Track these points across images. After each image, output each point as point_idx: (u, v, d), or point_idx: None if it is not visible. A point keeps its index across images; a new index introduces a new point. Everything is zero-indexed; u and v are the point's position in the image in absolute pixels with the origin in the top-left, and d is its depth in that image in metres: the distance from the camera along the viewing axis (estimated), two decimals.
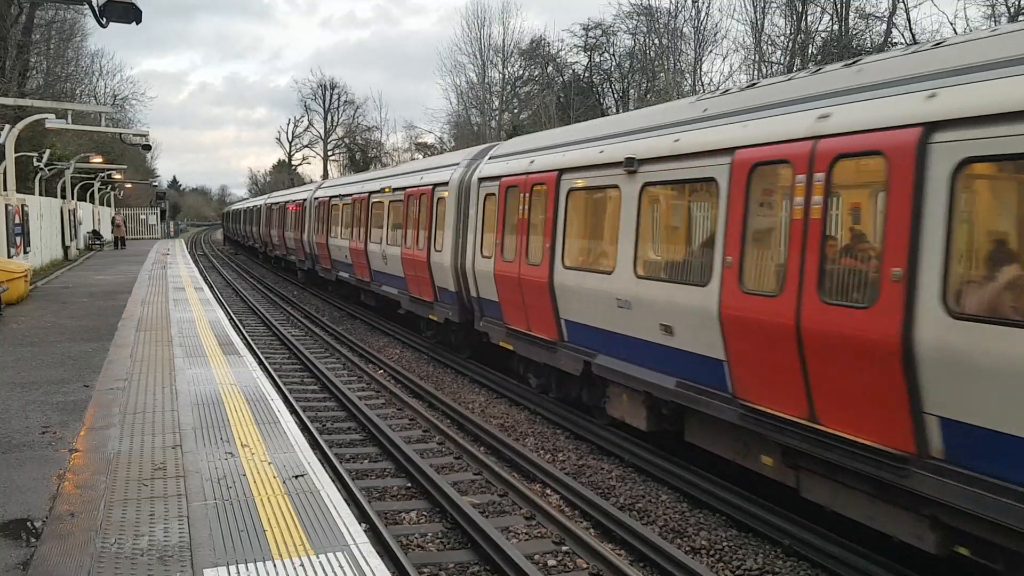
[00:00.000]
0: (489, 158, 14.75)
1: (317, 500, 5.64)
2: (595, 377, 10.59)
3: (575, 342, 11.09)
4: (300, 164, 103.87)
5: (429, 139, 72.67)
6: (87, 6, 7.30)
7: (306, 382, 15.13)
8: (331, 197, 27.42)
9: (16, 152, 23.32)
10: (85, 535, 4.99)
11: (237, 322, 21.06)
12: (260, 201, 50.07)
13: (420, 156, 63.13)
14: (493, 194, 13.72)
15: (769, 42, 38.66)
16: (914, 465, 5.87)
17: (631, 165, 9.48)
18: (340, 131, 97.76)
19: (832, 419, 6.53)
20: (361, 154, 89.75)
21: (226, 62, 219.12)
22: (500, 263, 13.12)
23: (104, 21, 7.36)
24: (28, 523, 5.23)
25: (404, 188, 18.87)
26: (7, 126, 22.33)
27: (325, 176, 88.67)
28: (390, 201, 20.21)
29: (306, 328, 21.82)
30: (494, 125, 58.50)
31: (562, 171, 11.31)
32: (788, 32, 38.32)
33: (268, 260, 45.91)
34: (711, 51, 42.96)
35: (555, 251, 11.29)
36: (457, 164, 16.28)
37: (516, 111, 60.39)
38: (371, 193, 21.95)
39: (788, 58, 36.68)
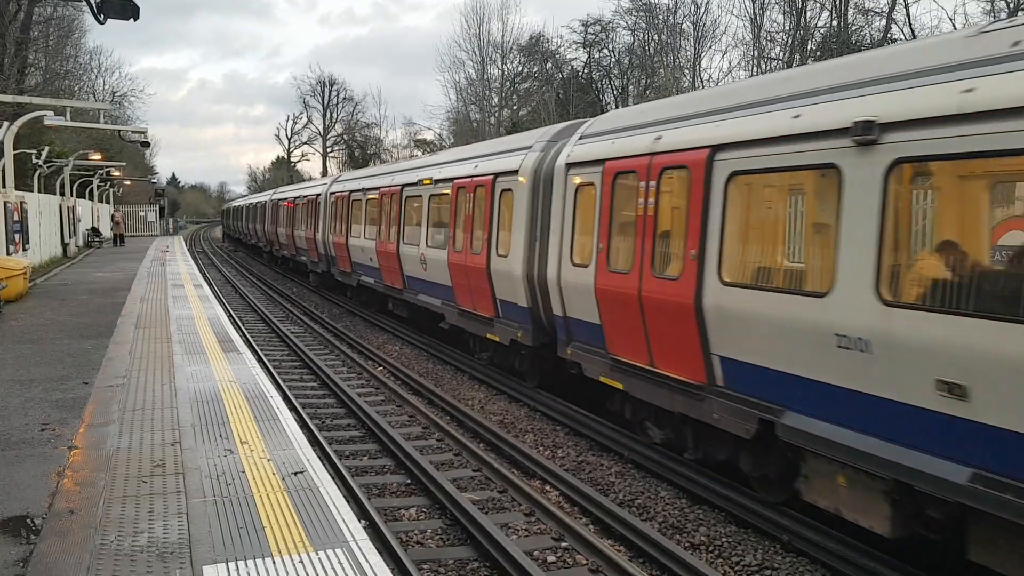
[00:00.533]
0: (581, 137, 11.43)
1: (316, 497, 5.64)
2: (780, 443, 7.34)
3: (740, 390, 7.90)
4: (299, 161, 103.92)
5: (428, 135, 72.67)
6: (85, 3, 7.27)
7: (306, 379, 15.13)
8: (352, 191, 24.13)
9: (15, 149, 23.31)
10: (84, 532, 4.99)
11: (236, 319, 21.06)
12: (265, 197, 47.56)
13: (419, 153, 63.02)
14: (591, 184, 10.65)
15: (768, 38, 38.66)
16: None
17: (868, 132, 6.24)
18: (339, 128, 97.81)
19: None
20: (360, 151, 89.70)
21: (225, 60, 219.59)
22: (605, 274, 10.11)
23: (102, 18, 7.35)
24: (27, 520, 5.23)
25: (451, 179, 15.82)
26: (5, 123, 22.32)
27: (324, 173, 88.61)
28: (431, 195, 17.15)
29: (305, 325, 21.81)
30: (493, 122, 58.46)
31: (716, 147, 8.08)
32: (787, 28, 38.30)
33: (274, 260, 42.86)
34: (710, 47, 42.94)
35: (706, 260, 8.17)
36: (529, 148, 13.06)
37: (516, 107, 60.36)
38: (404, 186, 18.90)
39: (788, 54, 36.65)
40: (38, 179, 33.20)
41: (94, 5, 7.20)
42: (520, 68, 61.11)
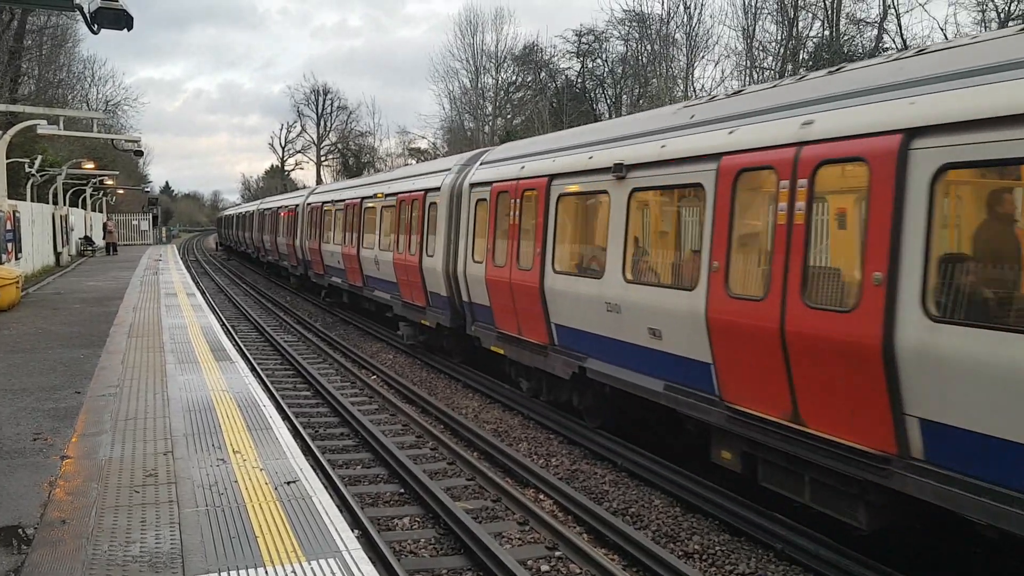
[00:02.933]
0: (481, 164, 14.84)
1: (309, 506, 5.63)
2: (588, 380, 10.76)
3: (565, 346, 11.29)
4: (293, 170, 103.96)
5: (423, 144, 72.71)
6: (79, 12, 7.27)
7: (299, 388, 15.11)
8: (324, 203, 27.41)
9: (8, 158, 23.27)
10: (76, 542, 4.97)
11: (229, 328, 21.02)
12: (253, 206, 49.73)
13: (413, 161, 63.21)
14: (485, 199, 13.88)
15: (760, 48, 38.83)
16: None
17: (620, 171, 9.80)
18: (333, 136, 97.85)
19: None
20: (354, 159, 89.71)
21: (220, 71, 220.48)
22: (492, 268, 13.32)
23: (96, 28, 7.36)
24: (19, 530, 5.20)
25: (396, 193, 19.08)
26: None
27: (319, 181, 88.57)
28: (382, 207, 20.41)
29: (299, 333, 21.78)
30: (487, 130, 58.54)
31: (552, 176, 11.60)
32: (779, 38, 38.49)
33: (260, 265, 46.47)
34: (703, 57, 43.03)
35: (545, 254, 11.58)
36: (448, 170, 16.45)
37: (509, 116, 60.47)
38: (363, 199, 22.31)
39: (780, 64, 36.83)
40: (31, 188, 33.11)
41: (88, 15, 7.20)
42: (514, 77, 61.29)
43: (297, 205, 32.37)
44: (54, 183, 37.77)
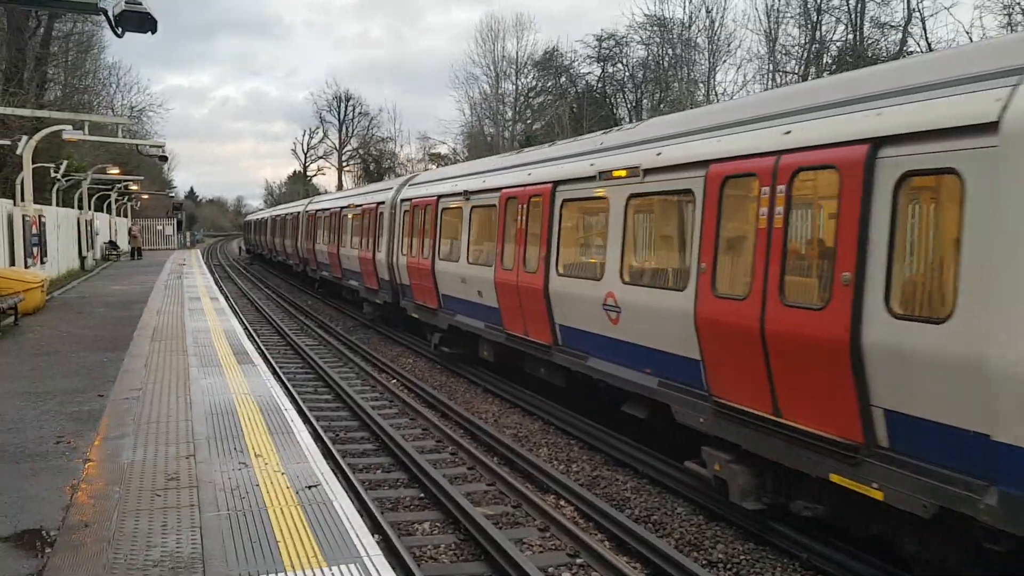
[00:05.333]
0: (409, 185, 20.45)
1: (330, 511, 5.60)
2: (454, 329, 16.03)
3: (448, 309, 16.36)
4: (315, 175, 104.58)
5: (443, 150, 72.92)
6: (103, 17, 7.32)
7: (320, 391, 15.12)
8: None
9: (33, 163, 23.54)
10: (97, 546, 4.97)
11: (252, 332, 21.11)
12: (297, 207, 40.90)
13: (434, 166, 63.28)
14: (408, 211, 19.08)
15: (783, 52, 38.55)
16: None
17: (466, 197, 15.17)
18: (355, 142, 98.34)
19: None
20: (375, 165, 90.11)
21: (245, 79, 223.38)
22: (410, 258, 18.36)
23: (120, 31, 7.40)
24: (41, 533, 5.22)
25: (360, 205, 24.72)
26: (24, 137, 22.55)
27: (340, 187, 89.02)
28: (352, 214, 25.87)
29: (320, 337, 21.85)
30: (507, 136, 58.59)
31: (440, 196, 16.91)
32: (802, 42, 38.19)
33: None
34: (725, 61, 42.77)
35: (437, 249, 16.63)
36: (392, 188, 21.89)
37: (529, 122, 60.49)
38: (342, 208, 27.57)
39: (803, 67, 36.54)
40: (56, 193, 33.50)
41: (112, 18, 7.24)
42: (534, 83, 61.31)
43: (381, 203, 28.23)
44: (79, 188, 38.21)
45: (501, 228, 13.39)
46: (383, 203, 21.79)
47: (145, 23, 7.39)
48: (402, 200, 19.88)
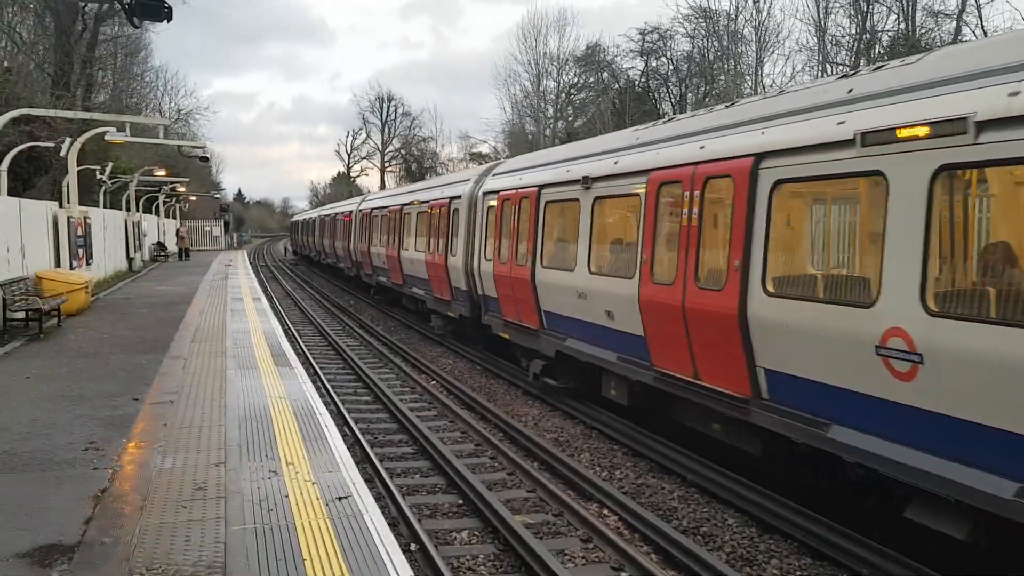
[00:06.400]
0: (492, 175, 17.11)
1: (359, 525, 5.31)
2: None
3: (552, 328, 13.21)
4: (358, 176, 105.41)
5: (484, 148, 72.78)
6: (119, 4, 7.19)
7: (359, 393, 14.94)
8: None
9: (80, 165, 23.83)
10: (117, 564, 4.75)
11: (293, 332, 21.08)
12: (350, 205, 37.53)
13: (474, 166, 63.15)
14: (493, 205, 15.95)
15: (833, 42, 37.48)
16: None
17: (586, 183, 11.86)
18: (397, 142, 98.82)
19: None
20: (417, 164, 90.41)
21: (291, 83, 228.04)
22: (497, 264, 15.38)
23: (137, 21, 7.24)
24: (59, 548, 5.00)
25: (427, 201, 21.31)
26: (68, 139, 22.82)
27: (383, 186, 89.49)
28: (417, 212, 22.65)
29: (361, 338, 21.74)
30: (548, 133, 58.18)
31: (542, 186, 13.68)
32: (853, 32, 37.10)
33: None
34: (773, 52, 41.73)
35: (538, 254, 13.49)
36: (468, 180, 18.70)
37: (571, 119, 60.01)
38: (404, 205, 24.43)
39: (853, 58, 35.49)
40: (104, 194, 34.00)
41: (127, 7, 7.09)
42: (575, 79, 60.81)
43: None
44: (126, 190, 38.77)
45: (650, 226, 10.00)
46: (458, 198, 18.47)
47: (160, 12, 7.21)
48: (485, 193, 16.68)
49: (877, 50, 35.98)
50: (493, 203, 15.92)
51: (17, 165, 21.60)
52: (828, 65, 36.12)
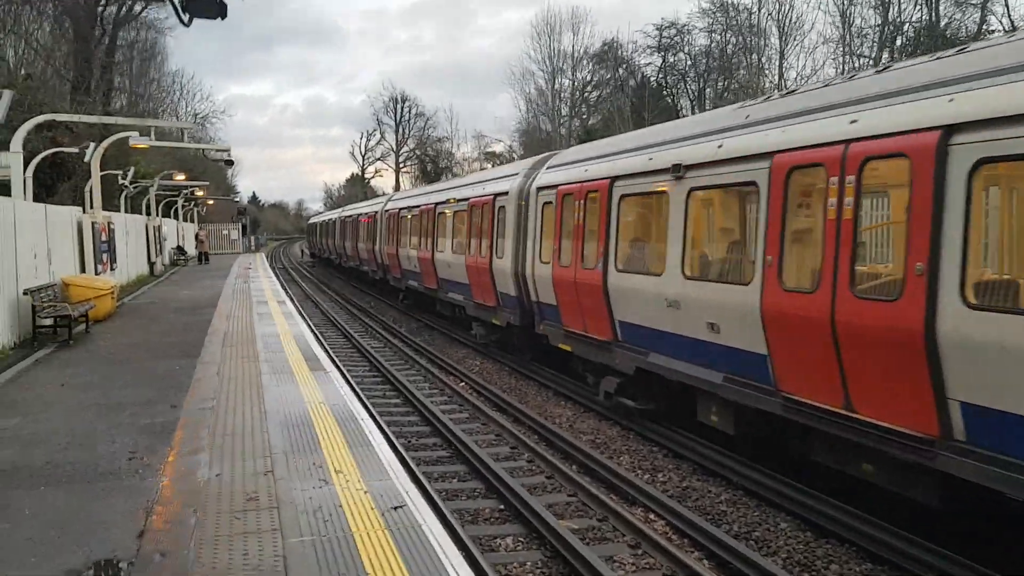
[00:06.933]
0: (547, 168, 15.23)
1: (419, 537, 5.15)
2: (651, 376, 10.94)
3: (629, 342, 11.44)
4: (373, 177, 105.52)
5: (498, 148, 72.66)
6: (169, 3, 7.04)
7: (388, 395, 14.82)
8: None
9: (101, 170, 23.84)
10: None
11: (318, 335, 21.00)
12: (375, 205, 35.77)
13: (489, 165, 63.00)
14: (551, 202, 14.19)
15: (858, 34, 37.02)
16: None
17: (677, 171, 10.02)
18: (411, 143, 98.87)
19: None
20: (432, 164, 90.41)
21: (303, 87, 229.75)
22: (557, 268, 13.66)
23: (187, 18, 7.07)
24: (115, 564, 4.87)
25: (467, 199, 19.47)
26: (92, 144, 22.84)
27: (397, 188, 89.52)
28: (454, 211, 20.88)
29: (384, 339, 21.63)
30: (564, 132, 57.96)
31: (614, 178, 11.84)
32: (876, 23, 36.64)
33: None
34: (796, 45, 41.21)
35: (612, 256, 11.76)
36: (516, 175, 16.83)
37: (585, 117, 59.79)
38: (438, 204, 22.53)
39: (877, 50, 35.06)
40: (125, 199, 34.08)
41: (178, 5, 6.92)
42: (590, 77, 60.60)
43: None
44: (147, 194, 38.88)
45: (776, 220, 8.18)
46: (504, 194, 16.75)
47: (213, 7, 7.05)
48: (539, 188, 14.83)
49: (901, 42, 35.54)
50: (549, 199, 14.15)
51: (40, 171, 21.63)
52: (852, 58, 35.70)
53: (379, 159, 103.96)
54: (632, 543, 7.79)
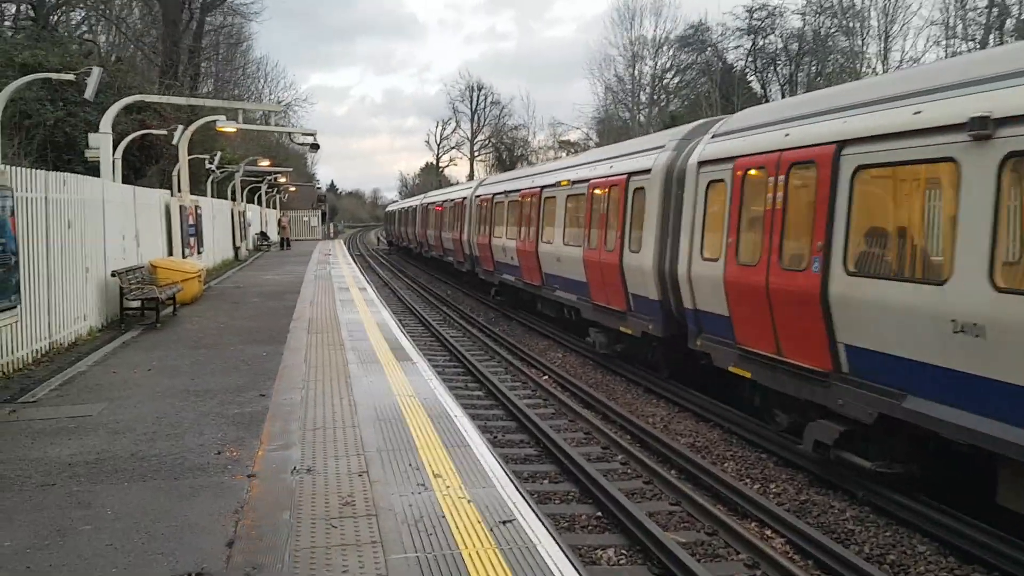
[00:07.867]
0: (713, 136, 11.70)
1: (536, 560, 4.57)
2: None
3: (865, 374, 8.13)
4: (447, 166, 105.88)
5: (574, 136, 71.75)
6: None
7: (470, 387, 14.36)
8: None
9: (189, 155, 24.05)
10: None
11: (398, 322, 20.75)
12: (464, 190, 32.75)
13: (564, 154, 62.05)
14: (721, 180, 11.02)
15: (962, 17, 34.89)
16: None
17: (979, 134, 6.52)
18: (487, 131, 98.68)
19: None
20: (507, 153, 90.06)
21: (381, 77, 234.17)
22: (734, 267, 10.48)
23: None
24: None
25: (587, 180, 16.43)
26: (180, 127, 23.03)
27: (471, 176, 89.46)
28: (566, 197, 17.85)
29: (463, 328, 21.24)
30: (642, 120, 56.75)
31: (843, 143, 8.38)
32: (982, 7, 34.45)
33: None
34: (904, 25, 39.04)
35: (842, 254, 8.37)
36: (661, 147, 13.49)
37: (664, 104, 58.44)
38: (543, 188, 19.56)
39: (984, 34, 32.97)
40: (211, 184, 34.58)
41: None
42: (668, 63, 59.26)
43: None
44: (232, 180, 39.46)
45: None
46: (643, 173, 13.62)
47: None
48: (701, 163, 11.59)
49: (1009, 25, 33.34)
50: (720, 176, 11.03)
51: (129, 154, 21.87)
52: (956, 41, 33.67)
53: (454, 147, 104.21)
54: (749, 562, 7.11)
